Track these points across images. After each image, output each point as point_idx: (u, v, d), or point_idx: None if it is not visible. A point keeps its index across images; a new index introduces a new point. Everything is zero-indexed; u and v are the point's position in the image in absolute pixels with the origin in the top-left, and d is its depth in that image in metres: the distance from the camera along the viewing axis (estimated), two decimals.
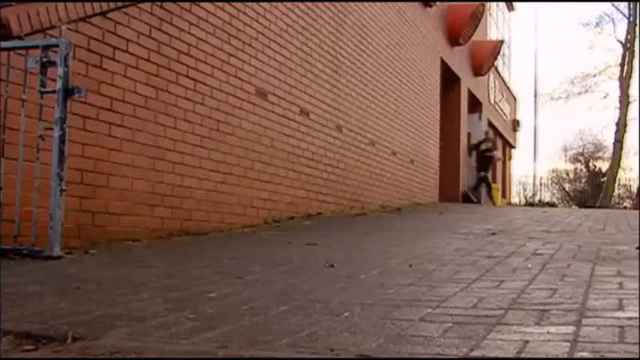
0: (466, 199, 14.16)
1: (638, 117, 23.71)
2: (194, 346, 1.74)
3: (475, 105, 15.88)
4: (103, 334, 1.82)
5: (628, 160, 24.56)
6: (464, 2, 13.49)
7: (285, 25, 6.52)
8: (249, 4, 5.88)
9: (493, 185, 14.15)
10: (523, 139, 25.47)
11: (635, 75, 23.64)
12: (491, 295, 2.43)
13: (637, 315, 2.04)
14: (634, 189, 23.73)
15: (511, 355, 1.64)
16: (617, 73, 24.90)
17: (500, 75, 19.07)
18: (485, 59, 15.87)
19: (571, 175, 27.36)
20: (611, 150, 24.48)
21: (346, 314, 2.12)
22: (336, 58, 7.70)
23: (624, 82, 23.94)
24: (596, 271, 3.11)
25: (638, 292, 2.44)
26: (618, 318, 2.02)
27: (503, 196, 12.86)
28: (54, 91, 3.49)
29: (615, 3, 25.57)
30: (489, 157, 14.00)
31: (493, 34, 18.05)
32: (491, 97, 17.96)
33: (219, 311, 2.18)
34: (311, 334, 1.85)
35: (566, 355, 1.62)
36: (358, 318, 2.07)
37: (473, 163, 14.21)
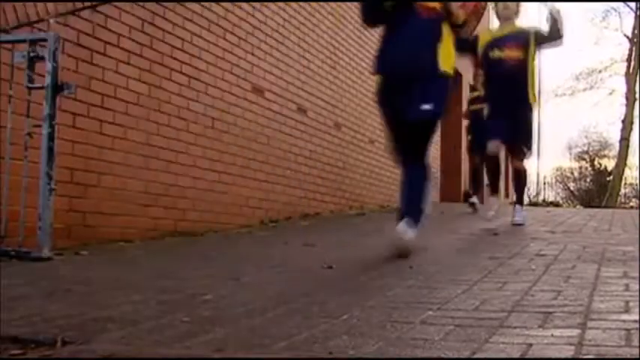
0: (467, 199, 14.05)
1: None
2: (189, 349, 1.70)
3: None
4: (94, 338, 1.79)
5: (634, 158, 24.28)
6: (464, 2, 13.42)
7: (282, 20, 6.47)
8: None
9: None
10: None
11: None
12: (494, 297, 2.38)
13: None
14: None
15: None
16: (624, 69, 24.67)
17: None
18: None
19: (576, 174, 27.09)
20: (617, 148, 24.15)
21: (345, 317, 2.07)
22: (334, 54, 7.65)
23: (630, 78, 23.65)
24: (602, 272, 3.05)
25: None
26: (624, 321, 1.98)
27: (506, 195, 12.67)
28: (42, 87, 3.42)
29: None
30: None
31: None
32: None
33: (215, 314, 2.14)
34: (309, 337, 1.82)
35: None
36: (357, 320, 2.02)
37: None
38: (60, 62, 3.47)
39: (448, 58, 3.70)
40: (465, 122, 9.12)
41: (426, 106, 3.59)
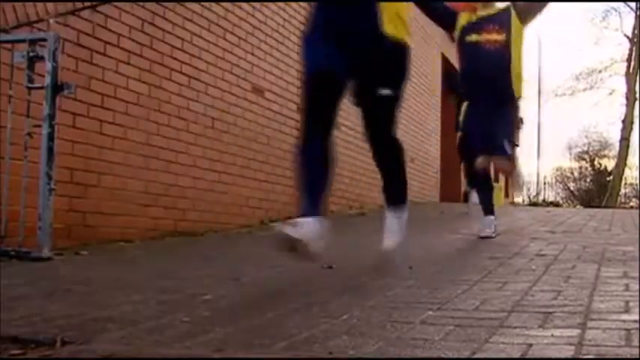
0: (467, 200, 14.02)
1: None
2: (189, 349, 1.70)
3: None
4: (94, 338, 1.78)
5: (634, 158, 24.18)
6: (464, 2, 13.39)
7: (282, 20, 6.46)
8: None
9: (495, 185, 13.88)
10: (526, 136, 25.18)
11: None
12: (494, 297, 2.38)
13: None
14: None
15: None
16: (624, 69, 24.55)
17: None
18: None
19: (576, 174, 26.97)
20: (617, 148, 23.98)
21: (345, 317, 2.06)
22: None
23: (631, 78, 23.54)
24: (602, 272, 3.04)
25: None
26: (624, 321, 1.97)
27: (506, 195, 12.53)
28: (42, 87, 3.41)
29: None
30: None
31: None
32: None
33: (215, 314, 2.13)
34: (309, 337, 1.81)
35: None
36: (357, 320, 2.01)
37: None
38: (60, 62, 3.46)
39: (395, 18, 2.93)
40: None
41: (385, 91, 3.03)
